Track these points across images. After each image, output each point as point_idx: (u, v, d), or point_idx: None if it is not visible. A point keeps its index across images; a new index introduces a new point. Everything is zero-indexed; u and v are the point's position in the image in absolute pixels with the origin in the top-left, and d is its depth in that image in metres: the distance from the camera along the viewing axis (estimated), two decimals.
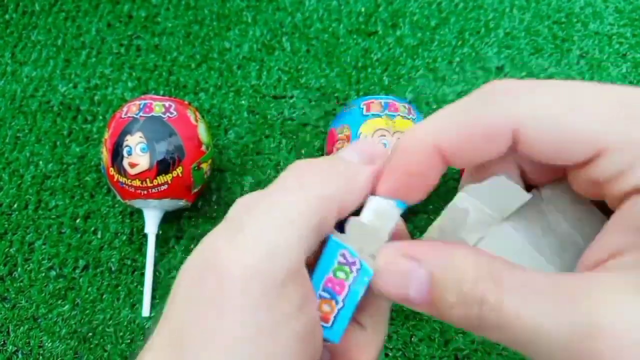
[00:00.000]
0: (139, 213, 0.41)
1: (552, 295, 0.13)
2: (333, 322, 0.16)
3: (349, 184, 0.16)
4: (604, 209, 0.15)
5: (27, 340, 0.37)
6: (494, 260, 0.14)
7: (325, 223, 0.16)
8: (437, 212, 0.41)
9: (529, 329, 0.13)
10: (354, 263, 0.16)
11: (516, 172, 0.16)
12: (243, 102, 0.46)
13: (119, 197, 0.39)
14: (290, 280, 0.15)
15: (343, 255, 0.16)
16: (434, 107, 0.45)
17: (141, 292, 0.38)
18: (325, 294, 0.16)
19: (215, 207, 0.42)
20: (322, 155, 0.43)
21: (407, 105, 0.37)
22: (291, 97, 0.46)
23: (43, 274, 0.40)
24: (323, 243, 0.17)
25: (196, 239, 0.40)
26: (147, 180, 0.36)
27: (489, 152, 0.15)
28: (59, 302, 0.39)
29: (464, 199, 0.16)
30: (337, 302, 0.16)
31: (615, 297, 0.12)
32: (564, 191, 0.16)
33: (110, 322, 0.38)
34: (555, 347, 0.12)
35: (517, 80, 0.15)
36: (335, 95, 0.46)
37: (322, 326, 0.16)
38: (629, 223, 0.13)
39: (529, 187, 0.17)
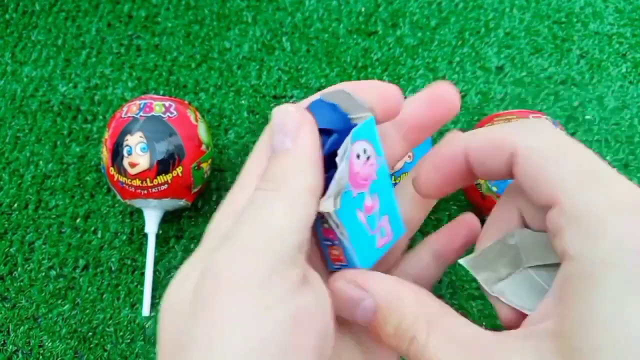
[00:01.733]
0: (139, 213, 0.41)
1: (466, 348, 0.15)
2: (347, 259, 0.18)
3: (306, 171, 0.17)
4: None
5: (27, 340, 0.37)
6: (433, 304, 0.17)
7: (306, 215, 0.17)
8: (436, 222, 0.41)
9: None
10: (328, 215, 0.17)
11: (518, 217, 0.19)
12: (243, 102, 0.46)
13: (119, 197, 0.39)
14: (280, 270, 0.15)
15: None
16: None
17: (141, 292, 0.38)
18: (328, 242, 0.18)
19: (215, 207, 0.42)
20: None
21: None
22: (291, 97, 0.46)
23: (43, 274, 0.40)
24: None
25: (196, 239, 0.40)
26: (147, 180, 0.36)
27: (496, 164, 0.17)
28: (59, 301, 0.39)
29: (512, 238, 0.18)
30: (338, 244, 0.18)
31: None
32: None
33: (110, 321, 0.38)
34: None
35: (547, 122, 0.17)
36: None
37: (341, 266, 0.18)
38: (556, 289, 0.15)
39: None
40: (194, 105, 0.44)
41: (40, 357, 0.37)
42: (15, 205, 0.42)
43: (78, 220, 0.41)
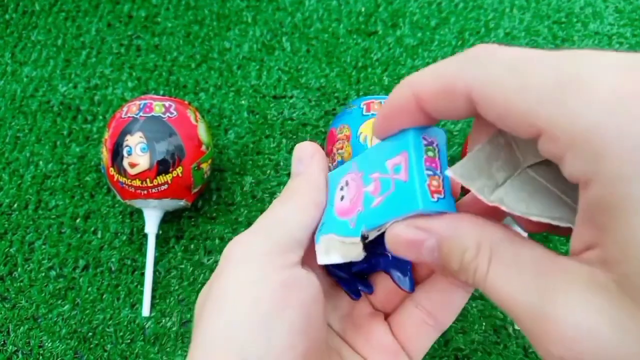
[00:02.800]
0: (139, 213, 0.41)
1: (529, 276, 0.14)
2: (444, 192, 0.17)
3: (313, 190, 0.22)
4: None
5: (27, 340, 0.37)
6: (494, 230, 0.16)
7: (312, 218, 0.21)
8: None
9: (505, 301, 0.15)
10: (432, 142, 0.18)
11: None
12: (243, 102, 0.46)
13: (119, 197, 0.39)
14: (278, 251, 0.20)
15: (425, 138, 0.18)
16: None
17: (141, 292, 0.38)
18: (430, 172, 0.17)
19: (215, 207, 0.42)
20: None
21: None
22: (291, 97, 0.46)
23: (43, 274, 0.40)
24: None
25: (196, 239, 0.40)
26: (147, 180, 0.36)
27: (454, 109, 0.16)
28: (59, 302, 0.39)
29: (503, 137, 0.16)
30: (439, 176, 0.18)
31: (572, 295, 0.13)
32: None
33: (110, 322, 0.38)
34: (523, 322, 0.14)
35: (496, 46, 0.15)
36: (335, 95, 0.46)
37: (439, 200, 0.17)
38: (586, 217, 0.13)
39: None
40: (194, 106, 0.44)
41: (40, 357, 0.37)
42: (15, 205, 0.42)
43: (78, 221, 0.41)
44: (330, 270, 0.24)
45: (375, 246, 0.23)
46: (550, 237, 0.40)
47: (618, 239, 0.12)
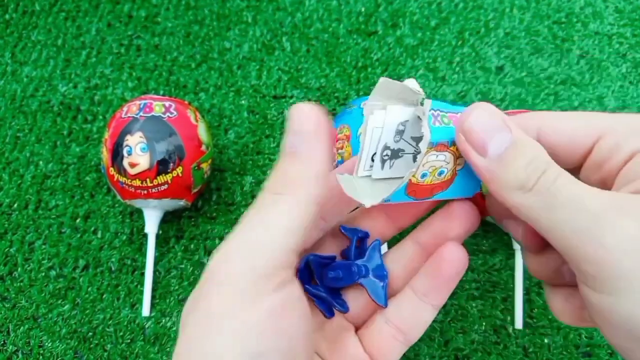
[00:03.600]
0: (139, 213, 0.41)
1: (596, 190, 0.17)
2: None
3: (312, 181, 0.18)
4: None
5: (27, 340, 0.37)
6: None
7: (307, 221, 0.18)
8: None
9: (572, 201, 0.17)
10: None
11: None
12: (243, 102, 0.46)
13: (119, 197, 0.39)
14: (273, 270, 0.17)
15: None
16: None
17: (141, 292, 0.38)
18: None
19: (215, 207, 0.42)
20: None
21: None
22: (291, 97, 0.46)
23: (43, 274, 0.40)
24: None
25: (196, 239, 0.40)
26: (147, 180, 0.36)
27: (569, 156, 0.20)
28: (59, 301, 0.39)
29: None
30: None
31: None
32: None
33: (110, 322, 0.38)
34: (584, 221, 0.16)
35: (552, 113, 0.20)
36: (335, 95, 0.46)
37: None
38: (629, 176, 0.18)
39: None
40: (194, 105, 0.44)
41: (40, 357, 0.37)
42: (15, 205, 0.42)
43: (78, 220, 0.41)
44: (306, 288, 0.23)
45: (358, 254, 0.23)
46: None
47: None
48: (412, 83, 0.19)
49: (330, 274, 0.23)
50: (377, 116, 0.19)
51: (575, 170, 0.20)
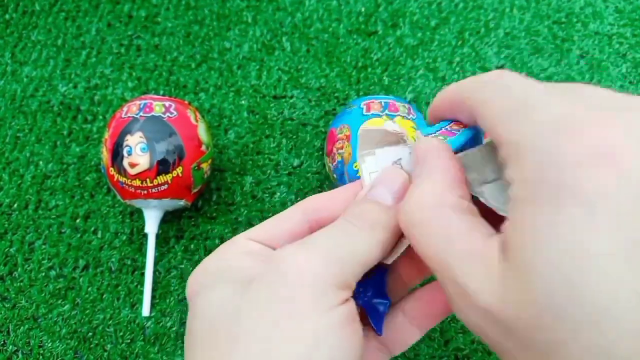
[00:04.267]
0: (139, 213, 0.41)
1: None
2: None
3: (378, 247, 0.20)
4: None
5: (27, 340, 0.37)
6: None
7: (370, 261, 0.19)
8: None
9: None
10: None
11: None
12: (243, 102, 0.46)
13: (119, 197, 0.39)
14: (341, 287, 0.18)
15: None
16: None
17: (141, 292, 0.38)
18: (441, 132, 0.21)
19: (215, 207, 0.42)
20: (322, 154, 0.43)
21: (407, 105, 0.37)
22: (291, 97, 0.46)
23: (43, 274, 0.40)
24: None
25: (196, 239, 0.40)
26: (147, 180, 0.36)
27: (463, 117, 0.20)
28: (59, 302, 0.39)
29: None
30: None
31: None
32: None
33: (110, 322, 0.38)
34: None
35: (508, 73, 0.18)
36: (335, 95, 0.46)
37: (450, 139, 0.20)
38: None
39: None
40: (194, 105, 0.44)
41: (40, 357, 0.37)
42: (15, 205, 0.42)
43: (78, 220, 0.41)
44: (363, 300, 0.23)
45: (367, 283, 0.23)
46: None
47: (514, 225, 0.15)
48: (390, 125, 0.21)
49: None
50: (369, 162, 0.21)
51: None
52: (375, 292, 0.23)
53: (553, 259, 0.13)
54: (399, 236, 0.20)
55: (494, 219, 0.19)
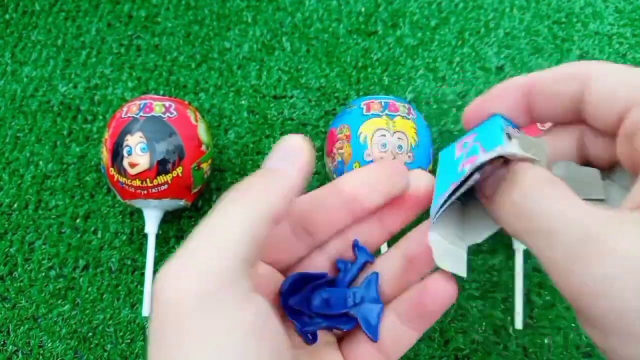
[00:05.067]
0: (139, 213, 0.41)
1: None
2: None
3: (276, 194, 0.18)
4: None
5: (27, 340, 0.37)
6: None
7: (259, 232, 0.17)
8: None
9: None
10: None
11: (574, 147, 0.20)
12: (243, 102, 0.46)
13: (119, 197, 0.39)
14: (226, 286, 0.16)
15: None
16: (434, 107, 0.45)
17: (141, 292, 0.38)
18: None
19: None
20: (322, 155, 0.43)
21: (407, 105, 0.37)
22: (291, 97, 0.46)
23: (43, 274, 0.40)
24: None
25: None
26: (147, 180, 0.36)
27: (562, 95, 0.18)
28: (59, 302, 0.39)
29: (559, 169, 0.20)
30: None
31: (623, 227, 0.14)
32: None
33: (111, 322, 0.38)
34: (570, 237, 0.15)
35: (608, 64, 0.18)
36: (335, 95, 0.46)
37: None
38: None
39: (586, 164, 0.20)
40: (194, 105, 0.44)
41: (40, 357, 0.37)
42: (15, 205, 0.42)
43: (78, 220, 0.41)
44: (289, 311, 0.22)
45: (351, 279, 0.22)
46: None
47: None
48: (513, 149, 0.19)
49: (318, 297, 0.22)
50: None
51: (612, 138, 0.18)
52: (366, 298, 0.22)
53: None
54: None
55: None
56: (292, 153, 0.19)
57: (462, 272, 0.20)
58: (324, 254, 0.23)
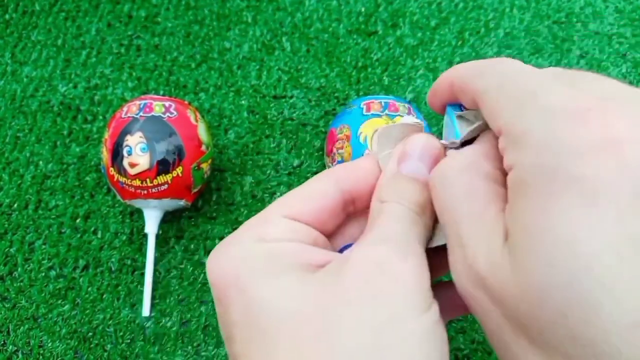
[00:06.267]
0: (139, 213, 0.41)
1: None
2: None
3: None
4: None
5: (27, 340, 0.37)
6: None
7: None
8: None
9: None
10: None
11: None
12: (243, 102, 0.46)
13: (119, 197, 0.39)
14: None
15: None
16: None
17: (141, 292, 0.38)
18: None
19: (215, 207, 0.42)
20: (322, 155, 0.43)
21: (407, 105, 0.37)
22: (291, 97, 0.46)
23: (43, 274, 0.40)
24: None
25: (196, 239, 0.40)
26: (147, 180, 0.36)
27: (467, 102, 0.19)
28: (59, 302, 0.39)
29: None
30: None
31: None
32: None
33: (110, 322, 0.38)
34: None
35: (507, 60, 0.18)
36: (335, 95, 0.46)
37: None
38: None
39: None
40: (194, 105, 0.44)
41: (40, 357, 0.37)
42: (15, 205, 0.42)
43: (78, 221, 0.41)
44: None
45: None
46: None
47: (514, 214, 0.15)
48: (408, 119, 0.21)
49: None
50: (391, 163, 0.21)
51: None
52: None
53: (548, 249, 0.13)
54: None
55: None
56: (427, 159, 0.20)
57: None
58: (360, 225, 0.23)
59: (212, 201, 0.42)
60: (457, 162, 0.18)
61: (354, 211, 0.22)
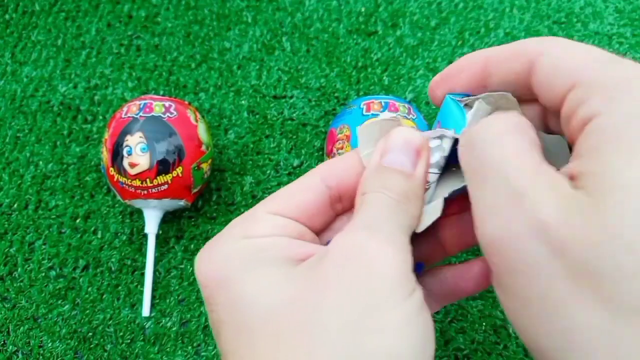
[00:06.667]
0: (139, 213, 0.41)
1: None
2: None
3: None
4: None
5: (27, 340, 0.37)
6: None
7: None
8: None
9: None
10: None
11: (538, 119, 0.20)
12: (243, 102, 0.46)
13: (119, 197, 0.39)
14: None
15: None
16: (434, 107, 0.45)
17: (141, 292, 0.38)
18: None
19: (215, 207, 0.42)
20: (322, 155, 0.43)
21: (407, 105, 0.37)
22: (291, 97, 0.46)
23: (43, 274, 0.40)
24: None
25: (196, 239, 0.40)
26: (147, 180, 0.36)
27: (514, 70, 0.18)
28: (59, 302, 0.39)
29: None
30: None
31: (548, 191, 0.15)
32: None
33: (110, 322, 0.38)
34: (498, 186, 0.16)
35: (561, 39, 0.18)
36: (335, 95, 0.46)
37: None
38: (581, 150, 0.15)
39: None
40: (194, 105, 0.44)
41: (40, 357, 0.37)
42: (15, 205, 0.42)
43: (78, 221, 0.41)
44: None
45: None
46: None
47: (595, 160, 0.14)
48: (385, 115, 0.21)
49: None
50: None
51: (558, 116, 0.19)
52: None
53: (631, 190, 0.13)
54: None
55: None
56: (415, 157, 0.20)
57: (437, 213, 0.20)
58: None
59: (212, 201, 0.42)
60: (498, 126, 0.17)
61: (342, 209, 0.22)
